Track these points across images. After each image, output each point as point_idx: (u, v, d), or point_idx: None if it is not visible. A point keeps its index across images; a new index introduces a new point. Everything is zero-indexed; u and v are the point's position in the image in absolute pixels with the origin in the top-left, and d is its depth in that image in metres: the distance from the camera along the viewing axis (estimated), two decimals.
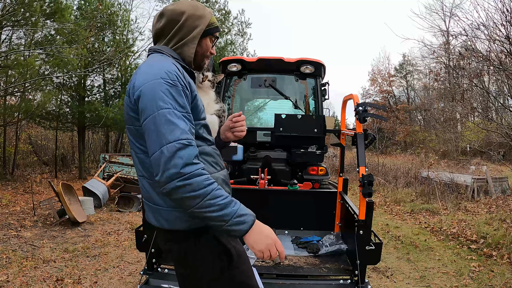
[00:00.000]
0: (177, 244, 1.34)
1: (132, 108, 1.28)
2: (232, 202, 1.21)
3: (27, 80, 7.80)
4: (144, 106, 1.21)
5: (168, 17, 1.40)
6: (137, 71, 1.32)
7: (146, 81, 1.23)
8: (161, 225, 1.33)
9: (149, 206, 1.37)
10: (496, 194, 7.74)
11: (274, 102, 5.20)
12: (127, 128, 1.37)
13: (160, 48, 1.40)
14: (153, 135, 1.17)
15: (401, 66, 28.32)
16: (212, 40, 1.50)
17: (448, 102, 16.47)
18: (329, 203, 3.08)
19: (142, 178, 1.37)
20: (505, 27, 5.47)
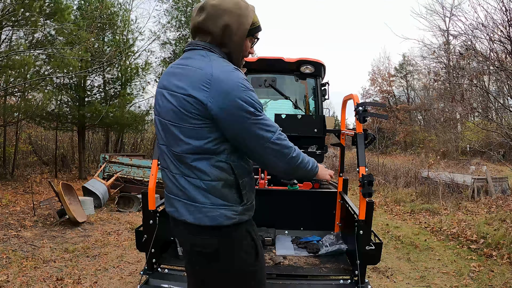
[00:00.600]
0: (215, 238, 1.36)
1: (203, 110, 1.28)
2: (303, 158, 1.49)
3: (27, 80, 7.80)
4: (234, 111, 1.27)
5: (209, 13, 1.36)
6: (207, 75, 1.29)
7: (231, 87, 1.27)
8: (200, 222, 1.35)
9: (184, 203, 1.38)
10: (496, 194, 7.74)
11: (274, 102, 5.20)
12: (170, 125, 1.36)
13: (211, 48, 1.39)
14: (253, 137, 1.31)
15: (401, 66, 28.33)
16: (252, 41, 1.48)
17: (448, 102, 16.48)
18: (329, 203, 3.08)
19: (179, 176, 1.37)
20: (504, 26, 5.47)
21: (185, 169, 1.36)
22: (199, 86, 1.28)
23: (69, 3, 8.79)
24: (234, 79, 1.29)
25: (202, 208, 1.34)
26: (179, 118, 1.33)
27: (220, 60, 1.36)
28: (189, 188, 1.36)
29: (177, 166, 1.38)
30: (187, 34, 13.96)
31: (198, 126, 1.30)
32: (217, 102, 1.26)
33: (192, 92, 1.28)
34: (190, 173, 1.35)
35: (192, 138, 1.32)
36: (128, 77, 11.37)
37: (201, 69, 1.31)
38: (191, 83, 1.30)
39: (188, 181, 1.36)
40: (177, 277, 2.25)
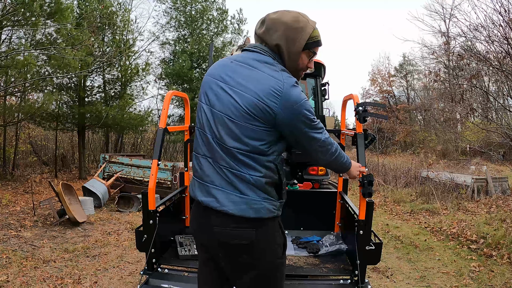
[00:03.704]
0: (255, 229, 1.43)
1: (270, 114, 1.37)
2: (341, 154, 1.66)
3: (27, 80, 7.81)
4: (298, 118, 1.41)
5: (268, 26, 1.45)
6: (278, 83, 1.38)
7: (299, 100, 1.39)
8: (244, 214, 1.40)
9: (227, 193, 1.42)
10: (496, 194, 7.74)
11: None
12: (232, 122, 1.41)
13: (275, 58, 1.46)
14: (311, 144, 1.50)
15: (401, 66, 28.33)
16: (309, 55, 1.52)
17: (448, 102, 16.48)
18: (329, 203, 3.08)
19: (225, 168, 1.43)
20: (503, 27, 5.48)
21: (235, 163, 1.41)
22: (272, 93, 1.36)
23: (69, 3, 8.78)
24: (299, 90, 1.41)
25: (249, 200, 1.41)
26: (241, 116, 1.39)
27: (286, 71, 1.45)
28: (236, 181, 1.41)
29: (225, 159, 1.42)
30: (186, 34, 13.96)
31: (259, 128, 1.39)
32: (285, 112, 1.37)
33: (264, 98, 1.36)
34: (240, 167, 1.41)
35: (251, 138, 1.39)
36: (128, 78, 11.37)
37: (273, 77, 1.38)
38: (263, 90, 1.37)
39: (236, 174, 1.41)
40: (177, 277, 2.25)
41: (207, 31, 13.88)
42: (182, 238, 2.62)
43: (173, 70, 12.70)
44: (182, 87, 13.17)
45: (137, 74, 11.51)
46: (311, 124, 1.45)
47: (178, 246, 2.51)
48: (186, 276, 2.27)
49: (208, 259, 1.58)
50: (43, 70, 8.41)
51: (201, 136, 1.50)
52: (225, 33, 13.99)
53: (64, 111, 10.44)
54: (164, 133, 2.39)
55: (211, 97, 1.46)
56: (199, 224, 1.52)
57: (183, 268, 2.35)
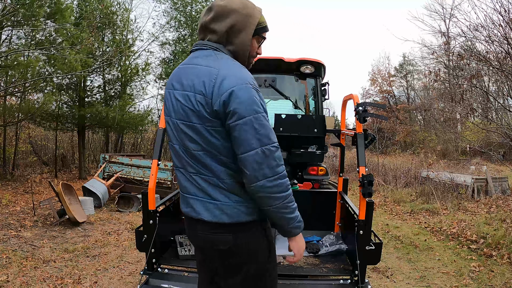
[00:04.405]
0: (233, 235, 1.39)
1: (211, 108, 1.30)
2: (296, 208, 1.40)
3: (27, 81, 7.81)
4: (238, 108, 1.27)
5: (216, 13, 1.39)
6: (213, 72, 1.32)
7: (237, 84, 1.28)
8: (219, 219, 1.37)
9: (202, 201, 1.39)
10: (496, 194, 7.74)
11: (274, 102, 5.20)
12: (182, 124, 1.38)
13: (218, 48, 1.41)
14: (250, 136, 1.28)
15: (401, 66, 28.33)
16: (259, 40, 1.50)
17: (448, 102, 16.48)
18: (329, 203, 3.08)
19: (196, 175, 1.39)
20: (503, 27, 5.48)
21: (202, 168, 1.38)
22: (207, 82, 1.31)
23: (69, 4, 8.78)
24: (239, 75, 1.31)
25: (221, 206, 1.37)
26: (189, 116, 1.36)
27: (228, 59, 1.39)
28: (206, 186, 1.38)
29: (193, 165, 1.39)
30: (186, 34, 13.96)
31: (210, 125, 1.33)
32: (218, 100, 1.29)
33: (200, 89, 1.32)
34: (207, 172, 1.37)
35: (207, 138, 1.34)
36: (128, 78, 11.37)
37: (209, 67, 1.34)
38: (199, 81, 1.33)
39: (205, 179, 1.38)
40: (177, 277, 2.25)
41: None
42: (182, 238, 2.62)
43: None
44: None
45: (137, 74, 11.51)
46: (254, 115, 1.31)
47: (178, 246, 2.51)
48: (186, 276, 2.27)
49: (203, 259, 1.59)
50: (43, 70, 8.41)
51: (172, 148, 1.48)
52: None
53: (64, 111, 10.44)
54: (164, 133, 2.39)
55: (168, 107, 1.45)
56: (189, 233, 1.54)
57: (183, 268, 2.36)
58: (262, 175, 1.28)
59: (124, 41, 11.37)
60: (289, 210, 1.36)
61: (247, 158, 1.28)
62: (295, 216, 1.39)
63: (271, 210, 1.34)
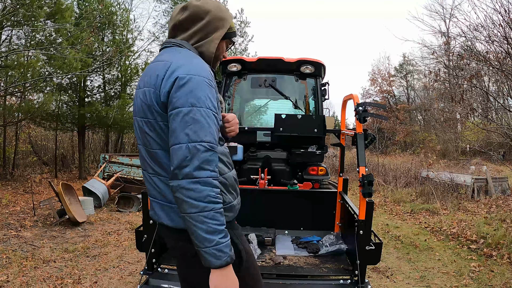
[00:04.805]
0: (190, 240, 1.26)
1: (160, 101, 1.24)
2: (222, 233, 1.19)
3: (27, 81, 7.81)
4: (180, 97, 1.20)
5: (191, 12, 1.38)
6: (166, 64, 1.27)
7: (188, 74, 1.23)
8: (176, 224, 1.30)
9: (161, 204, 1.34)
10: (496, 194, 7.74)
11: (274, 102, 5.20)
12: (142, 122, 1.33)
13: (182, 44, 1.38)
14: (182, 128, 1.19)
15: (401, 66, 28.34)
16: (227, 44, 1.52)
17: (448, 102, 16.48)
18: (329, 203, 3.08)
19: (155, 176, 1.34)
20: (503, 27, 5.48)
21: (158, 168, 1.31)
22: (159, 75, 1.26)
23: (69, 4, 8.79)
24: (190, 67, 1.25)
25: (177, 209, 1.27)
26: (146, 112, 1.30)
27: (188, 52, 1.35)
28: (164, 188, 1.31)
29: (151, 166, 1.33)
30: None
31: (160, 119, 1.27)
32: (165, 89, 1.23)
33: (153, 83, 1.27)
34: (163, 172, 1.30)
35: (162, 134, 1.28)
36: (128, 77, 11.37)
37: (165, 61, 1.30)
38: (154, 75, 1.28)
39: (163, 180, 1.31)
40: (177, 277, 2.24)
41: None
42: None
43: None
44: None
45: (137, 74, 11.51)
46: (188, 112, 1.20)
47: None
48: None
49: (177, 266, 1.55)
50: (43, 70, 8.41)
51: (139, 150, 1.41)
52: None
53: (64, 111, 10.45)
54: None
55: (133, 107, 1.41)
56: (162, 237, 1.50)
57: None
58: (182, 173, 1.17)
59: (124, 41, 11.37)
60: (205, 226, 1.16)
61: (173, 151, 1.19)
62: (213, 240, 1.16)
63: (186, 218, 1.18)
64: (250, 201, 3.00)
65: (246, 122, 5.20)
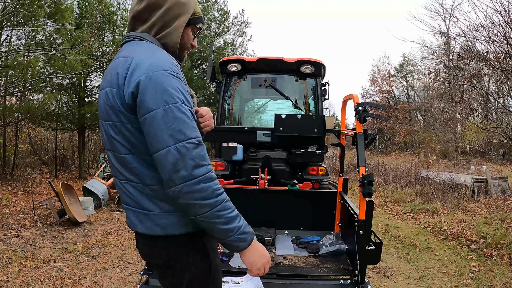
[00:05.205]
0: (166, 249, 1.25)
1: (125, 102, 1.15)
2: (237, 217, 1.19)
3: (27, 81, 7.81)
4: (146, 99, 1.10)
5: (148, 1, 1.27)
6: (127, 61, 1.18)
7: (147, 72, 1.12)
8: (151, 232, 1.23)
9: (135, 212, 1.25)
10: (496, 194, 7.74)
11: (274, 102, 5.20)
12: (107, 125, 1.22)
13: (143, 36, 1.27)
14: (163, 130, 1.09)
15: (401, 66, 28.35)
16: (194, 31, 1.39)
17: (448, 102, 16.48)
18: (329, 203, 3.08)
19: (126, 182, 1.25)
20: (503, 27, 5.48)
21: (129, 174, 1.23)
22: (120, 74, 1.17)
23: (69, 4, 8.78)
24: (153, 61, 1.15)
25: (152, 216, 1.22)
26: (110, 115, 1.20)
27: (149, 45, 1.24)
28: (136, 194, 1.23)
29: (121, 171, 1.24)
30: None
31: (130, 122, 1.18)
32: (128, 90, 1.14)
33: (115, 82, 1.17)
34: (134, 177, 1.22)
35: (128, 137, 1.19)
36: None
37: (125, 57, 1.20)
38: (115, 73, 1.18)
39: (134, 186, 1.23)
40: None
41: (209, 31, 13.88)
42: None
43: None
44: None
45: None
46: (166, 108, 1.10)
47: None
48: None
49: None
50: (43, 70, 8.41)
51: (108, 156, 1.32)
52: (227, 34, 13.99)
53: (64, 111, 10.44)
54: None
55: (98, 108, 1.30)
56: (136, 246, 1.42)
57: None
58: (179, 178, 1.09)
59: None
60: (222, 220, 1.15)
61: (159, 159, 1.11)
62: (234, 227, 1.17)
63: (200, 220, 1.15)
64: (250, 201, 3.00)
65: (246, 122, 5.20)
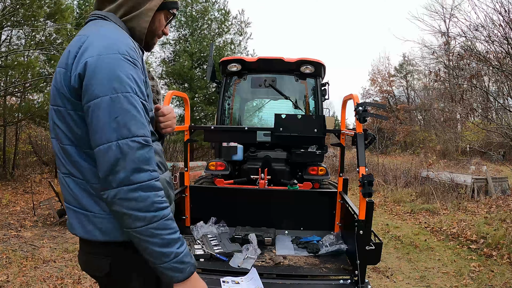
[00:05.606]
0: (107, 259, 1.08)
1: (70, 85, 1.00)
2: (178, 241, 1.02)
3: (27, 81, 7.81)
4: (93, 84, 0.96)
5: None
6: (81, 39, 1.03)
7: (100, 53, 0.97)
8: (91, 236, 1.06)
9: (75, 212, 1.08)
10: (496, 194, 7.74)
11: (274, 102, 5.20)
12: (52, 110, 1.07)
13: (107, 16, 1.12)
14: (103, 123, 0.95)
15: (401, 66, 28.35)
16: (167, 17, 1.26)
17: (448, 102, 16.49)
18: (329, 203, 3.08)
19: (68, 177, 1.08)
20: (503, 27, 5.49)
21: (71, 167, 1.07)
22: (72, 52, 1.03)
23: (69, 4, 8.79)
24: (108, 42, 1.01)
25: (93, 218, 1.05)
26: (55, 98, 1.06)
27: (110, 25, 1.10)
28: (77, 192, 1.07)
29: (64, 164, 1.08)
30: (187, 34, 13.97)
31: (70, 107, 1.03)
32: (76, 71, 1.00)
33: (65, 61, 1.04)
34: (76, 173, 1.06)
35: (72, 126, 1.04)
36: None
37: (80, 35, 1.07)
38: (67, 52, 1.05)
39: (76, 182, 1.07)
40: None
41: (209, 31, 13.89)
42: None
43: (174, 69, 12.71)
44: (182, 86, 13.19)
45: None
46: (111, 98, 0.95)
47: None
48: None
49: None
50: (43, 70, 8.42)
51: (53, 146, 1.14)
52: (227, 34, 14.01)
53: None
54: None
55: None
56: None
57: None
58: (116, 180, 0.94)
59: None
60: (157, 240, 0.97)
61: (99, 154, 0.96)
62: (171, 253, 0.98)
63: (133, 234, 0.97)
64: (250, 201, 3.00)
65: (246, 122, 5.20)
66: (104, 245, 1.06)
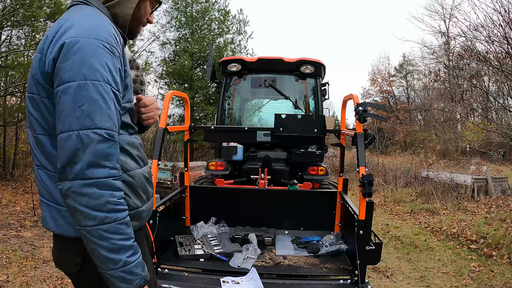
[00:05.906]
0: (80, 256, 1.03)
1: (44, 70, 0.97)
2: (130, 249, 0.95)
3: (27, 81, 7.82)
4: (64, 68, 0.92)
5: None
6: (60, 23, 1.00)
7: (76, 36, 0.93)
8: (63, 231, 1.02)
9: (48, 205, 1.05)
10: (496, 194, 7.74)
11: (274, 102, 5.20)
12: (27, 98, 1.04)
13: (89, 1, 1.08)
14: (68, 110, 0.90)
15: (401, 66, 28.35)
16: (153, 5, 1.22)
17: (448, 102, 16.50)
18: (329, 203, 3.08)
19: (41, 169, 1.05)
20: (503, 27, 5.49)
21: (44, 159, 1.03)
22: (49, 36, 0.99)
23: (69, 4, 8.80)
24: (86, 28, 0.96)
25: (65, 212, 1.00)
26: (31, 85, 1.02)
27: (92, 10, 1.05)
28: (50, 185, 1.03)
29: (37, 155, 1.05)
30: (187, 34, 13.97)
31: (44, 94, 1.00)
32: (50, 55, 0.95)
33: (42, 46, 1.00)
34: (49, 165, 1.02)
35: (42, 112, 1.00)
36: None
37: (61, 19, 1.03)
38: (45, 36, 1.01)
39: (48, 175, 1.03)
40: (177, 277, 2.24)
41: (209, 31, 13.89)
42: (182, 238, 2.63)
43: (174, 69, 12.72)
44: (182, 86, 13.19)
45: None
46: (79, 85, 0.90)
47: (178, 246, 2.51)
48: (186, 276, 2.27)
49: None
50: None
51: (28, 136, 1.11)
52: (227, 34, 14.01)
53: None
54: (164, 133, 2.39)
55: None
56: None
57: (183, 268, 2.35)
58: (73, 172, 0.89)
59: None
60: (107, 243, 0.90)
61: (60, 142, 0.91)
62: (119, 260, 0.92)
63: (82, 233, 0.92)
64: (250, 201, 3.00)
65: (246, 122, 5.20)
66: (76, 242, 1.00)
